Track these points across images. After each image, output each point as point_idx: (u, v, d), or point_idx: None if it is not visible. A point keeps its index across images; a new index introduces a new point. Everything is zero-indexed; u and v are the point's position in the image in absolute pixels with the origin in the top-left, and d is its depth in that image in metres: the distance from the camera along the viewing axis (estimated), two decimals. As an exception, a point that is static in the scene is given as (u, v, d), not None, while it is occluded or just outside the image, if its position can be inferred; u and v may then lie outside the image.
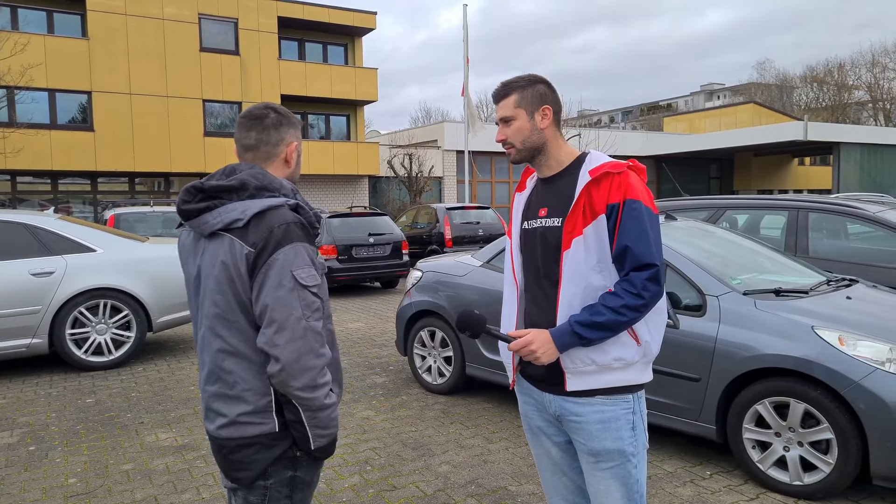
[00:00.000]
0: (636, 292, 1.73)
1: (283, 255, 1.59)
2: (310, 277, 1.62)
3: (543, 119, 1.89)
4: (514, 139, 1.91)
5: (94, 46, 19.45)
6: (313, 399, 1.61)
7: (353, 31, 24.65)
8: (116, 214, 10.67)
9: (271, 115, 1.77)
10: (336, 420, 1.69)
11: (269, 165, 1.76)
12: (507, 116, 1.91)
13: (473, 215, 13.31)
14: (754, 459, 3.39)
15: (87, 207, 20.38)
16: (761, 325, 3.39)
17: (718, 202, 6.34)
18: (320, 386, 1.62)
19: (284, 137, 1.78)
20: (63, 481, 3.57)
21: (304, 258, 1.62)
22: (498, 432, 4.27)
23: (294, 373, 1.58)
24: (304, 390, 1.60)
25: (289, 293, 1.58)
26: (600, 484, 1.86)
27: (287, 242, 1.60)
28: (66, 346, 5.81)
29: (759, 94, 55.91)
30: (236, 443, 1.67)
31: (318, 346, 1.61)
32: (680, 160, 31.36)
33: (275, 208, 1.64)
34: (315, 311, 1.62)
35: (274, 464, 1.68)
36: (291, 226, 1.63)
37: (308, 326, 1.59)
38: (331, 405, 1.66)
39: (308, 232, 1.67)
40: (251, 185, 1.66)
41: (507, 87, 1.92)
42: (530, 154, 1.93)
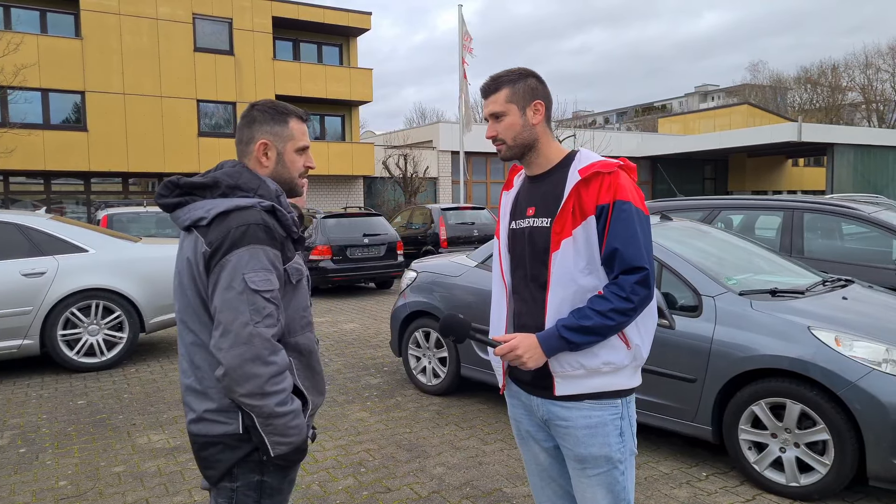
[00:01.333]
0: (625, 296, 1.69)
1: (237, 257, 1.54)
2: (263, 282, 1.54)
3: (535, 114, 1.84)
4: (504, 135, 1.85)
5: (88, 46, 19.36)
6: (261, 406, 1.54)
7: (348, 32, 24.61)
8: (109, 215, 10.61)
9: (249, 113, 1.74)
10: (298, 428, 1.61)
11: (248, 164, 1.73)
12: (497, 112, 1.85)
13: (468, 216, 13.30)
14: (750, 461, 3.38)
15: (81, 208, 20.27)
16: (757, 326, 3.37)
17: (713, 202, 6.34)
18: (270, 394, 1.54)
19: (254, 136, 1.72)
20: (54, 484, 3.52)
21: (261, 261, 1.56)
22: (493, 434, 4.25)
23: (237, 379, 1.52)
24: (249, 397, 1.53)
25: (237, 296, 1.53)
26: (587, 491, 1.83)
27: (243, 244, 1.55)
28: (58, 347, 5.76)
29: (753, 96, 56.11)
30: (203, 440, 1.65)
31: (266, 354, 1.53)
32: (675, 161, 31.42)
33: (242, 209, 1.59)
34: (266, 317, 1.54)
35: (240, 466, 1.64)
36: (252, 227, 1.56)
37: (255, 332, 1.52)
38: (286, 413, 1.57)
39: (272, 235, 1.59)
40: (223, 183, 1.64)
41: (498, 82, 1.85)
42: (521, 151, 1.87)
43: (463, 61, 17.22)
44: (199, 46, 21.11)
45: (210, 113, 21.66)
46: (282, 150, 1.72)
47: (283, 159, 1.73)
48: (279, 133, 1.72)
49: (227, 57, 21.58)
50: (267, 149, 1.71)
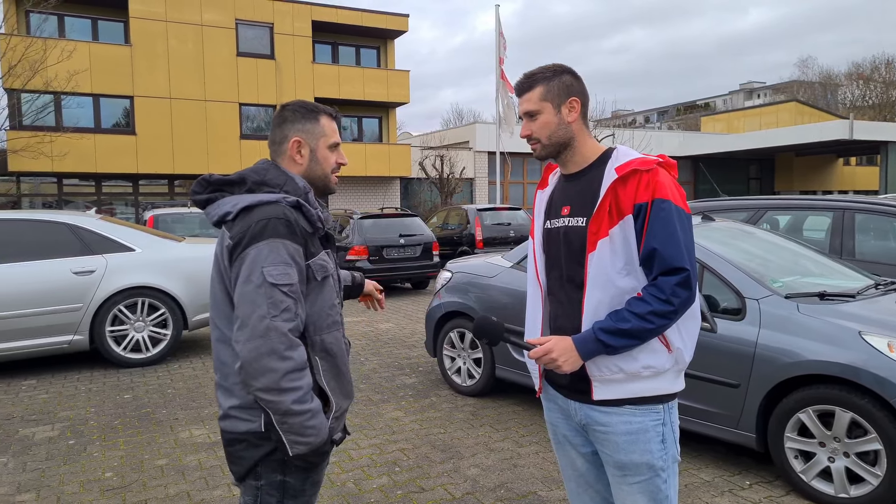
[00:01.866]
0: (665, 298, 1.63)
1: (256, 251, 1.55)
2: (282, 276, 1.54)
3: (571, 112, 1.79)
4: (539, 134, 1.81)
5: (136, 52, 20.01)
6: (277, 403, 1.53)
7: (386, 34, 24.81)
8: (155, 215, 10.93)
9: (281, 113, 1.77)
10: (316, 429, 1.59)
11: (282, 164, 1.76)
12: (531, 110, 1.80)
13: (504, 216, 13.24)
14: (797, 470, 3.26)
15: (129, 209, 20.95)
16: (804, 330, 3.25)
17: (758, 202, 6.16)
18: (287, 390, 1.53)
19: (287, 134, 1.74)
20: (100, 475, 3.64)
21: (281, 255, 1.56)
22: (528, 436, 4.21)
23: (253, 373, 1.52)
24: (265, 392, 1.53)
25: (255, 289, 1.53)
26: (627, 498, 1.77)
27: (262, 238, 1.56)
28: (106, 342, 5.95)
29: (801, 93, 54.37)
30: (229, 436, 1.67)
31: (282, 348, 1.52)
32: (718, 160, 30.69)
33: (266, 204, 1.61)
34: (284, 311, 1.53)
35: (263, 464, 1.64)
36: (272, 221, 1.57)
37: (272, 326, 1.51)
38: (303, 412, 1.55)
39: (294, 230, 1.59)
40: (250, 179, 1.67)
41: (531, 79, 1.81)
42: (557, 149, 1.82)
43: (500, 61, 17.15)
44: (241, 51, 21.60)
45: (252, 116, 22.12)
46: (314, 146, 1.75)
47: (316, 156, 1.76)
48: (311, 130, 1.75)
49: (268, 61, 22.01)
50: (300, 146, 1.74)
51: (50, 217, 6.09)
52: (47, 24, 19.11)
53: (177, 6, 20.46)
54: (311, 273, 1.64)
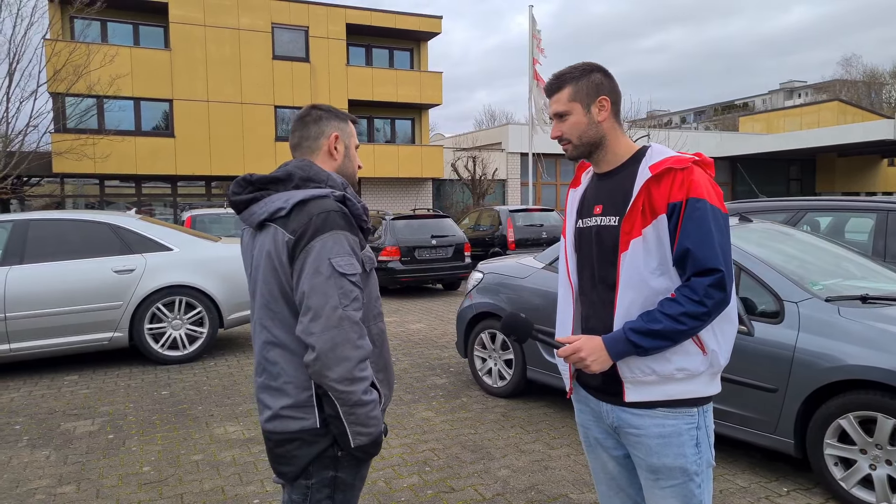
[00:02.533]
0: (698, 299, 1.59)
1: (322, 243, 1.57)
2: (349, 266, 1.57)
3: (601, 111, 1.76)
4: (570, 135, 1.79)
5: (176, 57, 20.49)
6: (350, 393, 1.55)
7: (419, 36, 24.91)
8: (193, 216, 11.18)
9: (312, 112, 1.80)
10: (377, 419, 1.62)
11: (314, 160, 1.78)
12: (561, 111, 1.79)
13: (537, 217, 13.17)
14: (836, 477, 3.17)
15: (168, 210, 21.46)
16: (845, 334, 3.16)
17: (798, 204, 5.99)
18: (358, 379, 1.55)
19: (325, 130, 1.78)
20: (138, 469, 3.73)
21: (344, 246, 1.58)
22: (559, 438, 4.18)
23: (329, 363, 1.53)
24: (340, 382, 1.54)
25: (325, 281, 1.54)
26: (660, 503, 1.74)
27: (326, 230, 1.58)
28: (145, 340, 6.10)
29: (844, 92, 52.83)
30: (279, 437, 1.66)
31: (355, 337, 1.55)
32: (757, 161, 30.01)
33: (318, 198, 1.63)
34: (354, 301, 1.56)
35: (315, 462, 1.64)
36: (332, 214, 1.60)
37: (345, 315, 1.54)
38: (369, 402, 1.58)
39: (350, 222, 1.63)
40: (297, 175, 1.69)
41: (560, 80, 1.79)
42: (588, 149, 1.80)
43: (534, 62, 17.07)
44: (277, 54, 21.94)
45: (287, 118, 22.44)
46: (348, 144, 1.81)
47: (350, 153, 1.82)
48: (344, 129, 1.81)
49: (303, 64, 22.31)
50: (338, 141, 1.78)
51: (92, 217, 6.28)
52: (90, 30, 19.67)
53: (215, 11, 20.90)
54: (362, 265, 1.67)
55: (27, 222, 5.98)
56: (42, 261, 5.83)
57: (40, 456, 3.94)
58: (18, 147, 16.44)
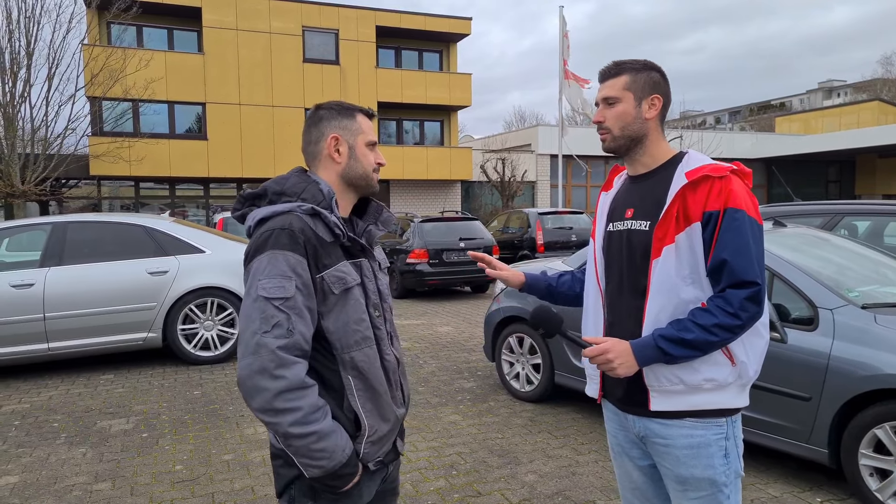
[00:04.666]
0: (732, 312, 1.56)
1: (257, 264, 1.50)
2: (275, 289, 1.45)
3: (651, 108, 1.74)
4: (612, 124, 1.75)
5: (209, 61, 20.90)
6: (274, 425, 1.43)
7: (449, 38, 24.97)
8: (224, 218, 11.38)
9: (315, 113, 1.70)
10: (327, 452, 1.46)
11: (317, 166, 1.69)
12: (611, 97, 1.75)
13: (567, 220, 13.08)
14: (872, 488, 3.09)
15: (200, 212, 21.88)
16: (883, 342, 3.07)
17: (835, 208, 5.85)
18: (281, 411, 1.42)
19: (324, 132, 1.67)
20: (171, 467, 3.81)
21: (279, 268, 1.47)
22: (587, 444, 4.15)
23: (246, 392, 1.44)
24: (261, 413, 1.44)
25: (251, 304, 1.46)
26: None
27: (263, 250, 1.49)
28: (178, 340, 6.23)
29: (885, 91, 51.30)
30: (273, 450, 1.61)
31: (272, 367, 1.41)
32: (793, 163, 29.32)
33: (278, 214, 1.55)
34: (275, 327, 1.43)
35: (296, 486, 1.56)
36: (276, 232, 1.50)
37: (261, 343, 1.42)
38: (304, 434, 1.43)
39: (296, 240, 1.50)
40: (270, 190, 1.63)
41: (620, 67, 1.76)
42: (627, 144, 1.76)
43: (564, 62, 16.97)
44: (307, 57, 22.22)
45: (316, 120, 22.69)
46: (353, 143, 1.67)
47: (356, 153, 1.67)
48: (348, 127, 1.67)
49: (333, 66, 22.54)
50: (338, 143, 1.66)
51: (127, 219, 6.44)
52: (126, 35, 20.17)
53: (247, 15, 21.26)
54: (327, 286, 1.53)
55: (66, 224, 6.16)
56: (80, 262, 6.00)
57: (77, 453, 4.05)
58: (57, 150, 16.93)
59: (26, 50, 15.91)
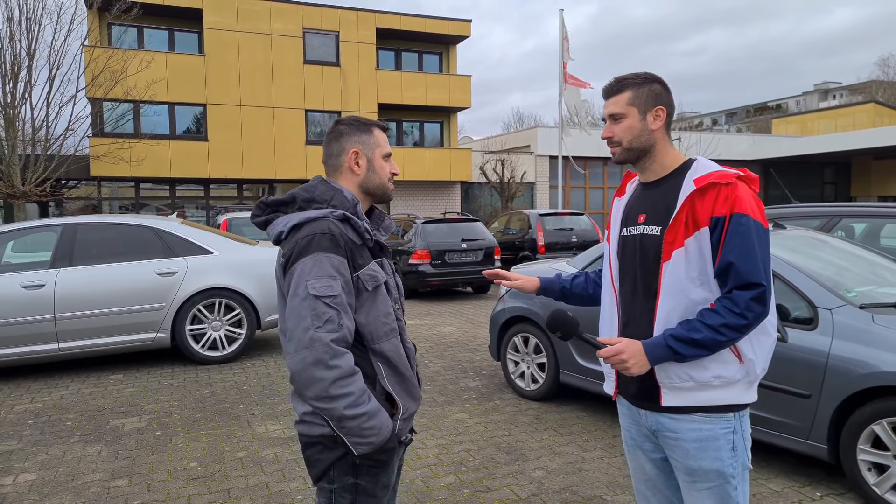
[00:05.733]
0: (739, 312, 1.65)
1: (302, 266, 1.63)
2: (324, 288, 1.60)
3: (656, 120, 1.82)
4: (621, 137, 1.84)
5: (210, 62, 20.95)
6: (330, 410, 1.60)
7: (448, 40, 25.06)
8: (228, 219, 11.45)
9: (335, 129, 1.85)
10: (375, 429, 1.64)
11: (339, 177, 1.83)
12: (617, 113, 1.84)
13: (567, 221, 13.15)
14: (870, 482, 3.19)
15: (200, 212, 21.91)
16: (880, 341, 3.18)
17: (833, 209, 5.95)
18: (336, 397, 1.58)
19: (345, 147, 1.82)
20: (185, 465, 3.89)
21: (324, 269, 1.62)
22: (592, 441, 4.24)
23: (302, 383, 1.59)
24: (318, 400, 1.60)
25: (300, 302, 1.60)
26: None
27: (307, 253, 1.63)
28: (186, 340, 6.31)
29: (880, 93, 51.51)
30: (306, 439, 1.74)
31: (326, 358, 1.57)
32: (790, 164, 29.46)
33: (313, 220, 1.68)
34: (327, 322, 1.58)
35: (336, 467, 1.70)
36: (317, 237, 1.64)
37: (315, 337, 1.57)
38: (357, 415, 1.61)
39: (337, 244, 1.65)
40: (300, 197, 1.77)
41: (621, 83, 1.85)
42: (636, 155, 1.85)
43: (564, 64, 17.08)
44: (308, 59, 22.28)
45: (317, 122, 22.77)
46: (371, 156, 1.83)
47: (374, 165, 1.83)
48: (366, 141, 1.83)
49: (334, 68, 22.62)
50: (358, 157, 1.82)
51: (136, 221, 6.51)
52: (127, 36, 20.22)
53: (248, 17, 21.33)
54: (362, 284, 1.69)
55: (76, 226, 6.23)
56: (90, 263, 6.07)
57: (92, 451, 4.13)
58: (58, 151, 16.98)
59: (27, 51, 15.96)
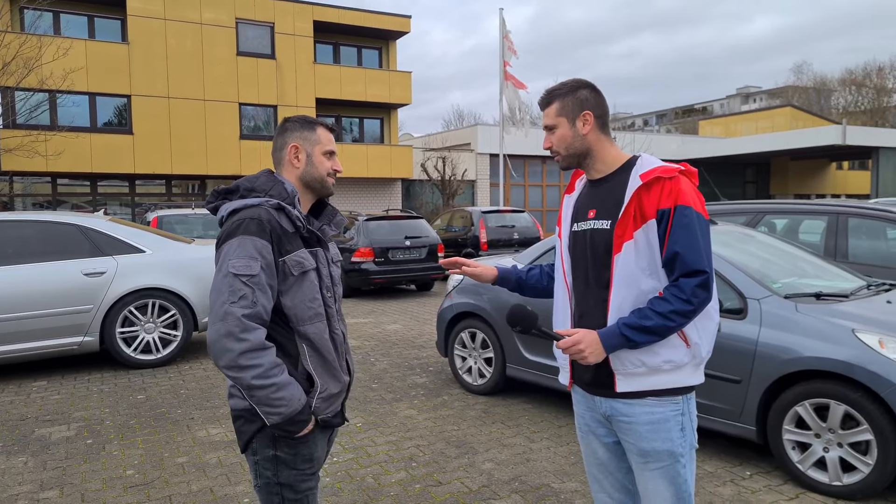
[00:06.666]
0: (685, 298, 1.75)
1: (228, 246, 1.77)
2: (243, 267, 1.73)
3: (585, 125, 1.91)
4: (558, 147, 1.95)
5: (134, 51, 19.98)
6: (239, 379, 1.72)
7: (388, 35, 24.89)
8: (159, 216, 11.00)
9: (283, 125, 1.99)
10: (286, 400, 1.75)
11: (281, 169, 1.97)
12: (549, 125, 1.96)
13: (509, 219, 13.31)
14: (794, 460, 3.42)
15: (125, 209, 20.89)
16: (802, 329, 3.41)
17: (756, 207, 6.31)
18: (245, 367, 1.70)
19: (287, 141, 1.96)
20: (122, 473, 3.73)
21: (247, 250, 1.75)
22: (539, 432, 4.34)
23: (216, 352, 1.72)
24: (227, 369, 1.72)
25: (221, 279, 1.74)
26: (649, 483, 1.90)
27: (234, 236, 1.78)
28: (117, 344, 6.01)
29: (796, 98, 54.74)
30: (234, 412, 1.88)
31: (237, 331, 1.70)
32: (715, 164, 30.90)
33: (249, 207, 1.83)
34: (241, 299, 1.71)
35: (257, 439, 1.85)
36: (246, 221, 1.79)
37: (228, 311, 1.70)
38: (265, 385, 1.72)
39: (263, 228, 1.78)
40: (242, 186, 1.91)
41: (550, 96, 1.96)
42: (576, 160, 1.96)
43: (505, 63, 17.28)
44: (241, 50, 21.63)
45: (251, 116, 22.17)
46: (310, 151, 1.95)
47: (312, 160, 1.95)
48: (308, 137, 1.96)
49: (269, 61, 22.06)
50: (297, 151, 1.95)
51: (61, 218, 6.14)
52: (42, 21, 19.00)
53: (176, 4, 20.45)
54: (288, 269, 1.82)
55: (-7, 224, 5.85)
56: (7, 263, 5.71)
57: (17, 462, 3.90)
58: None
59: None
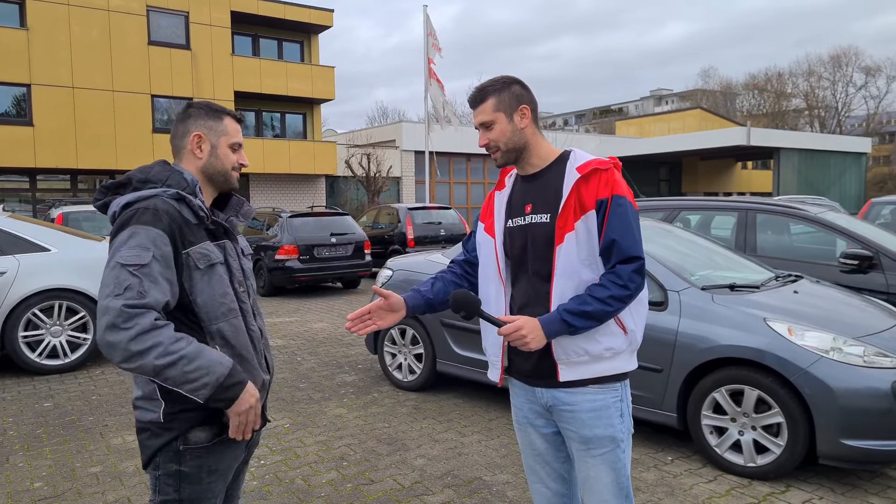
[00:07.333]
0: (622, 284, 1.81)
1: (119, 238, 1.64)
2: (132, 257, 1.60)
3: (523, 119, 1.93)
4: (497, 142, 1.94)
5: (34, 37, 18.65)
6: (143, 367, 1.56)
7: (310, 28, 24.39)
8: (64, 213, 10.34)
9: (185, 111, 1.84)
10: (204, 368, 1.59)
11: (181, 159, 1.82)
12: (486, 121, 1.93)
13: (435, 216, 13.35)
14: (712, 444, 3.61)
15: (25, 206, 19.44)
16: (719, 318, 3.60)
17: (672, 203, 6.63)
18: (141, 353, 1.54)
19: (189, 129, 1.81)
20: (29, 485, 3.49)
21: (138, 240, 1.62)
22: (470, 426, 4.38)
23: (106, 350, 1.57)
24: (126, 363, 1.56)
25: (109, 272, 1.61)
26: (591, 470, 1.94)
27: (126, 227, 1.65)
28: (19, 349, 5.62)
29: (704, 101, 57.86)
30: (138, 424, 1.75)
31: (119, 321, 1.55)
32: (632, 163, 32.15)
33: (144, 199, 1.69)
34: (126, 290, 1.57)
35: (162, 453, 1.71)
36: (140, 211, 1.66)
37: (110, 305, 1.56)
38: (172, 362, 1.56)
39: (159, 217, 1.65)
40: (135, 178, 1.76)
41: (483, 92, 1.94)
42: (515, 155, 1.96)
43: (430, 61, 17.31)
44: (153, 40, 20.61)
45: (165, 109, 21.17)
46: (215, 143, 1.81)
47: (217, 152, 1.82)
48: (213, 127, 1.82)
49: (184, 51, 21.13)
50: (201, 141, 1.80)
51: (-46, 215, 5.69)
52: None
53: (80, -9, 19.25)
54: (193, 262, 1.69)
55: None
56: None
57: None
58: None
59: None
